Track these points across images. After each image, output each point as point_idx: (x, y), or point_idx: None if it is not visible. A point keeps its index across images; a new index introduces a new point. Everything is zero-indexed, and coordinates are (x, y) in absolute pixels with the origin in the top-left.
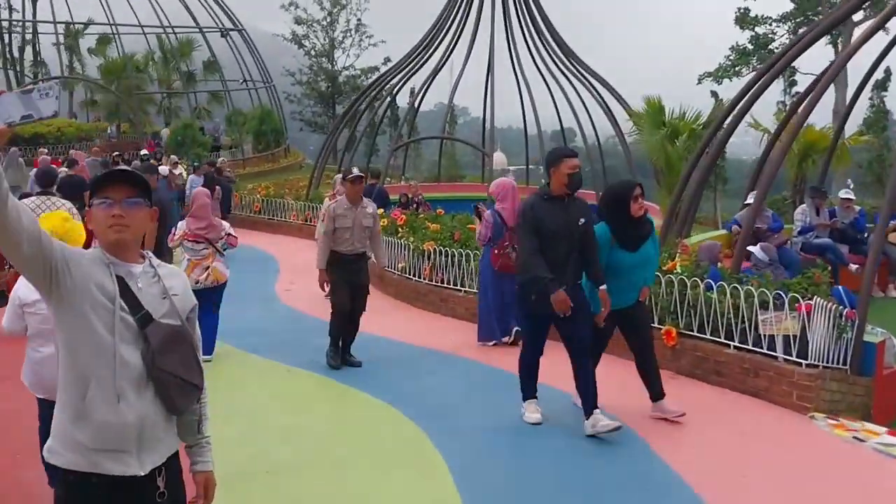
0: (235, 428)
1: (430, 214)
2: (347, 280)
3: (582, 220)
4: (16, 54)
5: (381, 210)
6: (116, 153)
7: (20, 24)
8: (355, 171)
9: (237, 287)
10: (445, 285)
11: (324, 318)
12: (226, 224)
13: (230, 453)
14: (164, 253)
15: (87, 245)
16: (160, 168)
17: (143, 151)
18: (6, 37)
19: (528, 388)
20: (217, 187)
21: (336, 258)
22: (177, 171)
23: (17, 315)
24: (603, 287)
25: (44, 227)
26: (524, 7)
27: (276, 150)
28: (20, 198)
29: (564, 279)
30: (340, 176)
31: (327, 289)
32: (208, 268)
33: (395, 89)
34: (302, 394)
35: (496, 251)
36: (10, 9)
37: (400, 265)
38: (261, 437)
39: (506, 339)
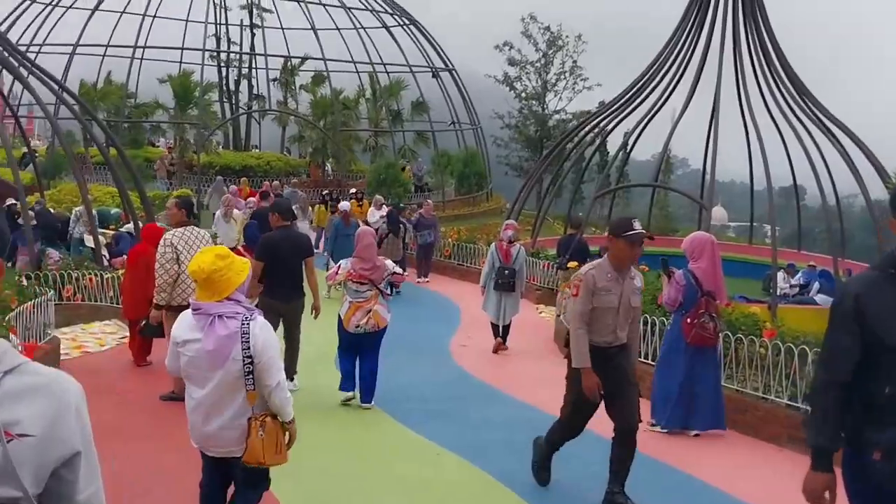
0: None
1: None
2: (607, 378)
3: None
4: (232, 87)
5: (576, 264)
6: (326, 192)
7: (238, 57)
8: (637, 225)
9: (410, 337)
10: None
11: (494, 383)
12: (389, 263)
13: None
14: (298, 295)
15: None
16: (341, 204)
17: (353, 190)
18: (223, 70)
19: None
20: (401, 226)
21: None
22: (381, 212)
23: (173, 354)
24: None
25: (192, 267)
26: (757, 42)
27: (478, 193)
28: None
29: None
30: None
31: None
32: (370, 311)
33: (606, 131)
34: (445, 492)
35: (689, 320)
36: (230, 41)
37: None
38: None
39: (694, 432)
